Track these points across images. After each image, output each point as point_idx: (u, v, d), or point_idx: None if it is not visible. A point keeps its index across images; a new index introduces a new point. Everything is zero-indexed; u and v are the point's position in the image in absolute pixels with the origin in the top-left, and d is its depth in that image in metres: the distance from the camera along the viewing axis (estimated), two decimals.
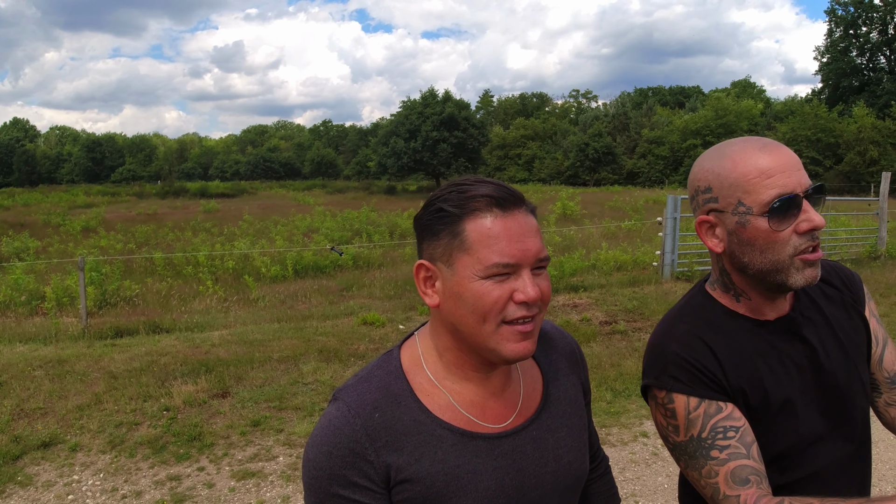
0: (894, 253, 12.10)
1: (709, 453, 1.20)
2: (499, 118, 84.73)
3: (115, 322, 8.15)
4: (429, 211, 1.08)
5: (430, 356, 1.14)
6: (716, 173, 1.21)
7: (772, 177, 1.15)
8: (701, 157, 1.28)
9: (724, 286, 1.32)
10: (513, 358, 1.06)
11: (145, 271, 12.88)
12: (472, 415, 1.12)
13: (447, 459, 1.07)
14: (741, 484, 1.16)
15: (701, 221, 1.26)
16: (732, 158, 1.19)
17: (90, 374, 5.95)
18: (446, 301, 1.07)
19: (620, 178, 58.14)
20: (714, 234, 1.25)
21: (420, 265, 1.09)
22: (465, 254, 1.03)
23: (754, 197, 1.16)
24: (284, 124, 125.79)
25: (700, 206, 1.26)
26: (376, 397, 1.08)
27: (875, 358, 1.41)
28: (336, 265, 13.15)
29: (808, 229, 1.16)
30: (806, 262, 1.18)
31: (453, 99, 52.47)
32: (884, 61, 52.85)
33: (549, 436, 1.18)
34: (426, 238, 1.08)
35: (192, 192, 51.46)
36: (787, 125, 47.23)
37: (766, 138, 1.21)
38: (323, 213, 26.16)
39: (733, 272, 1.28)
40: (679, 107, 71.63)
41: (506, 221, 1.03)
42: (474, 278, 1.02)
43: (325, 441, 1.05)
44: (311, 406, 5.29)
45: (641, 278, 10.40)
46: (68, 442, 4.65)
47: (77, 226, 21.58)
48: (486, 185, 1.06)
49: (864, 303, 1.42)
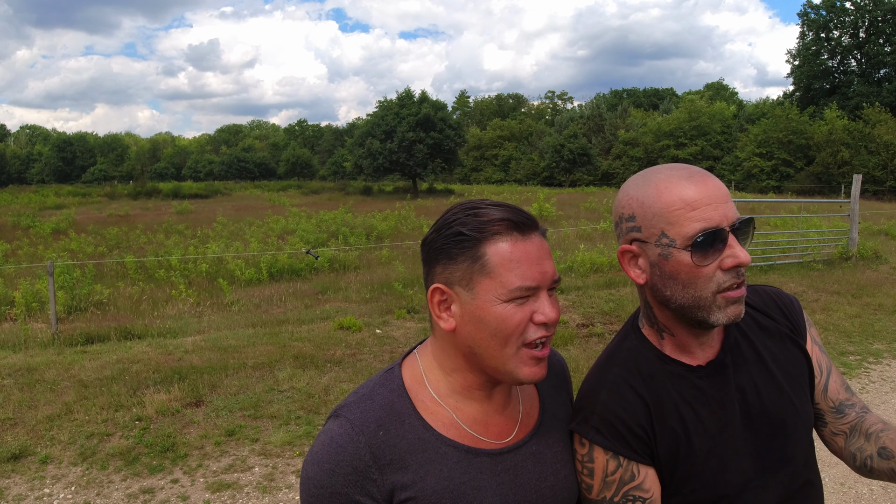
0: (865, 254, 12.30)
1: None
2: (475, 119, 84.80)
3: (86, 328, 8.01)
4: (444, 234, 1.07)
5: (433, 374, 1.15)
6: (640, 201, 1.15)
7: (697, 209, 1.09)
8: (626, 183, 1.22)
9: (649, 320, 1.27)
10: (527, 381, 1.08)
11: (116, 275, 12.67)
12: (476, 431, 1.13)
13: (452, 476, 1.07)
14: None
15: (623, 251, 1.19)
16: (657, 187, 1.13)
17: (60, 382, 5.83)
18: (465, 325, 1.07)
19: (596, 179, 58.50)
20: (637, 264, 1.19)
21: (435, 289, 1.09)
22: (487, 277, 1.04)
23: (678, 229, 1.10)
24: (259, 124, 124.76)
25: (623, 234, 1.19)
26: (380, 415, 1.08)
27: (819, 388, 1.37)
28: (312, 268, 13.05)
29: (732, 265, 1.10)
30: (729, 300, 1.12)
31: (430, 100, 52.35)
32: (855, 64, 53.76)
33: (548, 451, 1.19)
34: (440, 261, 1.08)
35: (164, 192, 50.74)
36: (759, 127, 47.87)
37: (693, 167, 1.16)
38: (298, 214, 25.96)
39: (656, 306, 1.23)
40: (653, 108, 72.23)
41: (525, 245, 1.05)
42: (497, 302, 1.04)
43: (328, 458, 1.04)
44: (287, 414, 5.23)
45: (618, 280, 10.45)
46: (39, 454, 4.54)
47: (47, 228, 21.19)
48: (501, 208, 1.06)
49: (804, 332, 1.37)
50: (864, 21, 51.82)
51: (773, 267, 11.57)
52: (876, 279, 10.56)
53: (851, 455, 1.34)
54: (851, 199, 12.55)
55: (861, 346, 7.09)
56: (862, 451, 1.31)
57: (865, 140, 41.94)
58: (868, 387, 5.90)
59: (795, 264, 11.72)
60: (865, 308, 8.73)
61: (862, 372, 6.29)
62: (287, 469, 4.39)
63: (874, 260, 12.19)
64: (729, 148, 53.48)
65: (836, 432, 1.38)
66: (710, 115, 56.78)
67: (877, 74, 52.27)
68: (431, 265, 1.10)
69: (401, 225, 21.56)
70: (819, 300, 9.10)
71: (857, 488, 4.12)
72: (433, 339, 1.17)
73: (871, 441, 1.30)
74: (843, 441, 1.37)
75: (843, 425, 1.37)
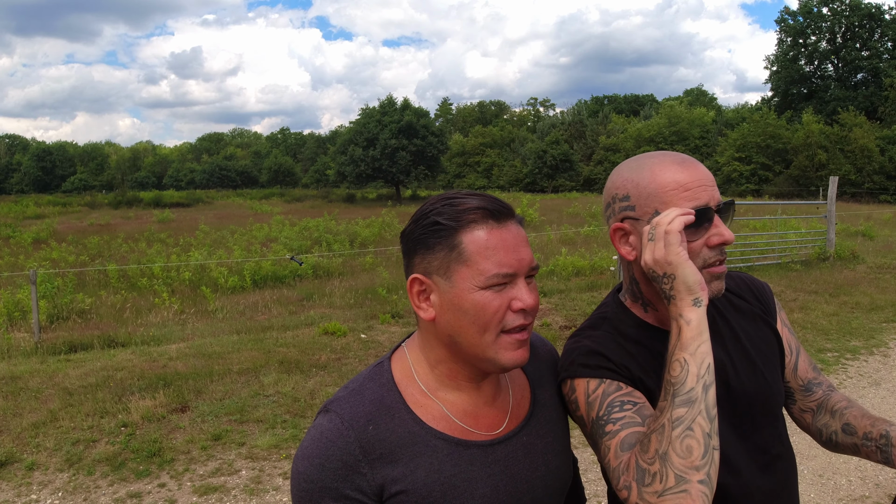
0: (843, 254, 12.52)
1: (604, 430, 1.17)
2: (458, 126, 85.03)
3: (69, 336, 7.97)
4: (422, 224, 1.08)
5: (421, 368, 1.15)
6: (635, 183, 1.23)
7: (689, 190, 1.18)
8: (619, 167, 1.30)
9: (633, 295, 1.34)
10: (510, 366, 1.08)
11: (98, 284, 12.59)
12: (466, 424, 1.13)
13: (443, 469, 1.07)
14: (627, 449, 1.12)
15: (616, 228, 1.26)
16: (652, 170, 1.22)
17: (44, 390, 5.81)
18: (444, 314, 1.08)
19: (578, 185, 58.88)
20: (627, 241, 1.26)
21: (414, 279, 1.09)
22: (464, 266, 1.04)
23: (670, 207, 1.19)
24: (241, 132, 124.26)
25: (615, 213, 1.27)
26: (370, 410, 1.08)
27: (789, 367, 1.45)
28: (295, 275, 13.05)
29: (718, 243, 1.19)
30: (713, 276, 1.21)
31: (412, 107, 52.50)
32: (831, 69, 54.60)
33: (539, 441, 1.20)
34: (419, 252, 1.09)
35: (145, 201, 50.49)
36: (738, 132, 48.43)
37: (683, 154, 1.24)
38: (281, 221, 25.92)
39: (642, 281, 1.29)
40: (634, 115, 72.84)
41: (501, 233, 1.06)
42: (474, 289, 1.04)
43: (318, 453, 1.05)
44: (273, 419, 5.25)
45: (599, 283, 10.56)
46: (24, 460, 4.52)
47: (27, 237, 21.00)
48: (477, 197, 1.08)
49: (774, 314, 1.45)
50: (841, 26, 52.69)
51: (752, 269, 11.74)
52: (853, 278, 10.75)
53: (818, 430, 1.43)
54: (828, 201, 12.77)
55: (838, 343, 7.22)
56: (827, 427, 1.40)
57: (842, 143, 42.59)
58: (846, 382, 6.02)
59: (774, 265, 11.90)
60: (843, 306, 8.88)
61: (840, 368, 6.41)
62: (274, 472, 4.41)
63: (851, 260, 12.41)
64: (708, 153, 54.00)
65: (805, 409, 1.46)
66: (689, 120, 57.37)
67: (853, 79, 53.14)
68: (410, 256, 1.11)
69: (384, 231, 21.58)
70: (797, 299, 9.25)
71: (836, 479, 4.21)
72: (418, 331, 1.18)
73: (836, 418, 1.38)
74: (811, 417, 1.45)
75: (810, 402, 1.45)
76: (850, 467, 4.35)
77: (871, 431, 1.29)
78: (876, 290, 9.88)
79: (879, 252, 13.89)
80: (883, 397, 5.67)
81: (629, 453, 1.11)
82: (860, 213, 24.08)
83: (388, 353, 1.21)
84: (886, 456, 1.25)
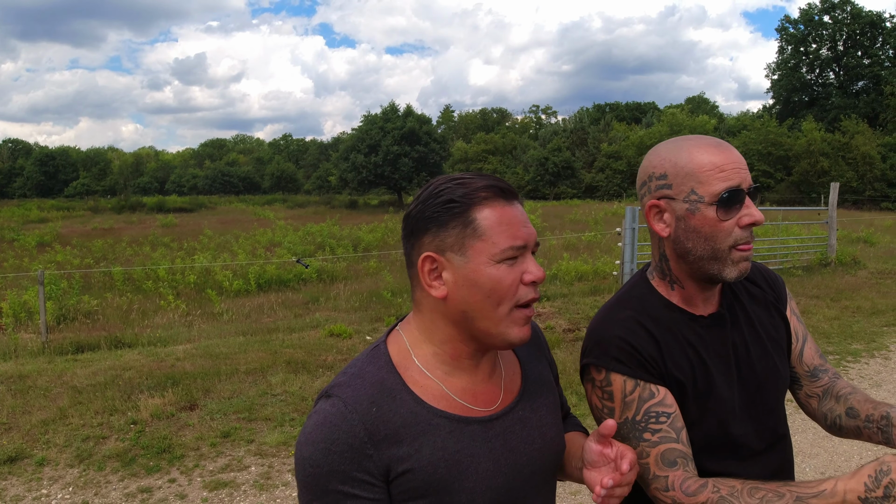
0: (844, 260, 12.56)
1: (641, 435, 1.28)
2: (460, 133, 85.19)
3: (76, 337, 8.03)
4: (434, 203, 1.12)
5: (420, 348, 1.17)
6: (672, 162, 1.30)
7: (723, 171, 1.25)
8: (656, 148, 1.37)
9: (661, 273, 1.41)
10: (517, 342, 1.14)
11: (104, 286, 12.66)
12: (466, 401, 1.16)
13: (446, 446, 1.10)
14: (669, 465, 1.25)
15: (652, 205, 1.33)
16: (689, 151, 1.29)
17: (53, 388, 5.87)
18: (458, 290, 1.11)
19: (580, 192, 58.91)
20: (662, 218, 1.33)
21: (426, 257, 1.12)
22: (479, 240, 1.09)
23: (706, 187, 1.26)
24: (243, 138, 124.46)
25: (651, 191, 1.34)
26: (372, 392, 1.10)
27: (795, 353, 1.52)
28: (300, 279, 13.12)
29: (748, 223, 1.27)
30: (742, 254, 1.28)
31: (414, 113, 52.61)
32: (833, 77, 54.75)
33: (532, 415, 1.24)
34: (430, 230, 1.12)
35: (148, 206, 50.59)
36: (740, 139, 48.47)
37: (717, 138, 1.32)
38: (284, 227, 25.99)
39: (673, 258, 1.36)
40: (635, 122, 72.94)
41: (510, 209, 1.12)
42: (490, 263, 1.09)
43: (323, 437, 1.06)
44: (282, 417, 5.30)
45: (602, 287, 10.62)
46: (35, 456, 4.58)
47: (32, 241, 21.07)
48: (484, 177, 1.13)
49: (785, 302, 1.53)
50: (842, 34, 52.84)
51: None
52: (854, 283, 10.80)
53: (823, 415, 1.49)
54: (829, 207, 12.84)
55: (840, 347, 7.27)
56: (832, 412, 1.46)
57: (843, 151, 42.67)
58: None
59: (776, 270, 11.93)
60: (844, 311, 8.93)
61: (841, 370, 6.46)
62: (283, 468, 4.46)
63: (853, 265, 12.45)
64: None
65: (811, 395, 1.52)
66: (691, 128, 57.42)
67: (854, 87, 53.28)
68: (418, 236, 1.13)
69: (387, 237, 21.65)
70: (799, 304, 9.30)
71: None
72: (417, 314, 1.19)
73: (840, 402, 1.45)
74: (817, 403, 1.51)
75: (816, 388, 1.52)
76: (852, 465, 4.40)
77: (873, 414, 1.35)
78: (877, 295, 9.93)
79: (881, 258, 13.94)
80: (884, 398, 5.72)
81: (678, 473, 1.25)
82: (861, 219, 24.12)
83: (382, 336, 1.23)
84: (887, 436, 1.30)
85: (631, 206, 11.31)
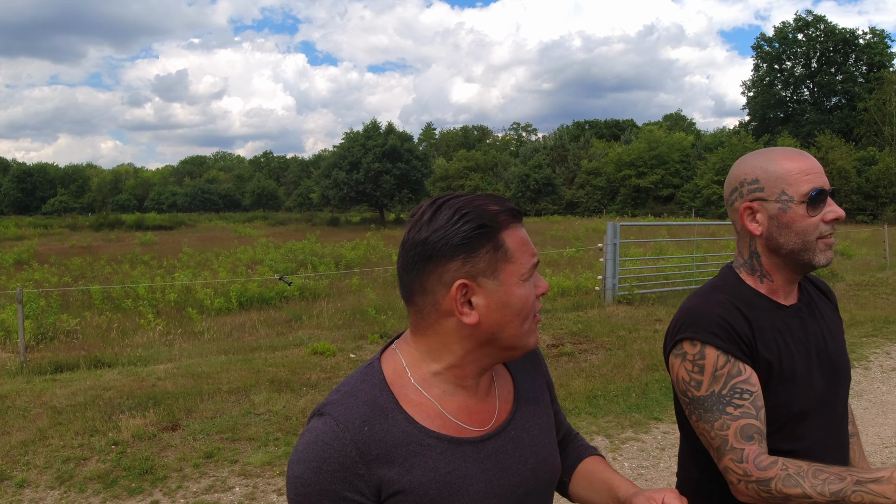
0: (822, 273, 12.69)
1: (725, 409, 1.40)
2: (441, 150, 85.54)
3: (55, 357, 7.91)
4: (462, 230, 1.09)
5: (419, 368, 1.16)
6: (763, 168, 1.47)
7: (809, 175, 1.43)
8: (744, 158, 1.54)
9: (750, 268, 1.55)
10: (533, 347, 1.17)
11: (83, 305, 12.51)
12: (461, 420, 1.15)
13: (438, 467, 1.09)
14: (747, 440, 1.37)
15: (746, 207, 1.49)
16: (777, 159, 1.47)
17: (32, 409, 5.77)
18: (491, 313, 1.10)
19: (560, 208, 59.38)
20: (755, 218, 1.49)
21: (461, 284, 1.09)
22: (509, 263, 1.11)
23: (796, 188, 1.43)
24: (224, 155, 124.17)
25: (744, 195, 1.50)
26: (364, 411, 1.09)
27: None
28: (282, 296, 13.04)
29: (833, 218, 1.44)
30: (827, 245, 1.45)
31: (396, 131, 52.81)
32: (807, 93, 55.77)
33: (525, 434, 1.23)
34: (458, 257, 1.09)
35: (127, 224, 50.06)
36: (717, 155, 49.14)
37: (799, 149, 1.51)
38: (266, 244, 25.87)
39: (765, 254, 1.51)
40: (614, 139, 73.74)
41: (523, 229, 1.16)
42: (519, 283, 1.11)
43: (314, 457, 1.05)
44: (266, 436, 5.25)
45: (585, 303, 10.67)
46: (15, 478, 4.49)
47: (9, 258, 20.80)
48: (496, 200, 1.14)
49: (837, 307, 1.72)
50: (816, 52, 53.88)
51: None
52: None
53: None
54: None
55: None
56: None
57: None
58: None
59: None
60: None
61: None
62: (268, 488, 4.42)
63: (831, 278, 12.63)
64: (688, 176, 54.70)
65: None
66: (668, 144, 58.13)
67: (828, 103, 54.28)
68: (442, 263, 1.09)
69: (370, 254, 21.62)
70: None
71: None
72: (422, 337, 1.16)
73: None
74: None
75: None
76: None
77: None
78: (855, 307, 10.07)
79: (858, 270, 14.16)
80: (865, 408, 5.80)
81: (753, 448, 1.37)
82: (838, 232, 24.41)
83: (377, 354, 1.21)
84: None
85: (612, 221, 11.41)
